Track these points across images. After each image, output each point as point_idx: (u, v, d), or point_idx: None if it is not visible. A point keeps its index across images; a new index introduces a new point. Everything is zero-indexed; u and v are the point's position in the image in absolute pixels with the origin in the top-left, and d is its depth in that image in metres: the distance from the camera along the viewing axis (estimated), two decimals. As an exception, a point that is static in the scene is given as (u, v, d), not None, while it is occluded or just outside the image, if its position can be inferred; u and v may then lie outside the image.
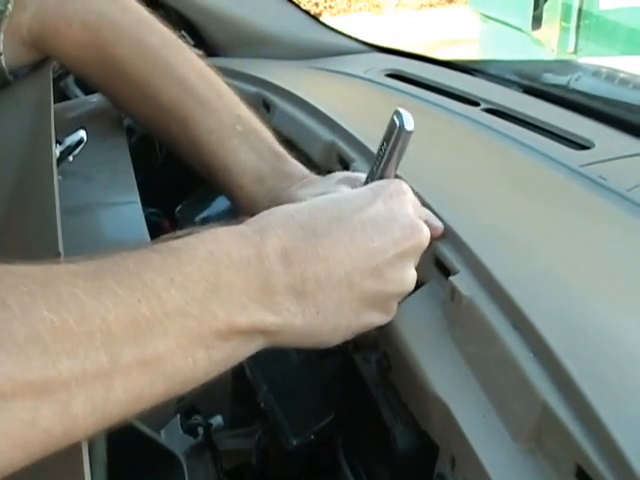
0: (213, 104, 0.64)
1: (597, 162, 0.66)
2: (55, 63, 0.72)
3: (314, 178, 0.61)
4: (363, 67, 0.98)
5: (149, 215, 0.88)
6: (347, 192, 0.47)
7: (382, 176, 0.49)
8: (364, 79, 0.95)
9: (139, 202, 0.64)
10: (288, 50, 1.05)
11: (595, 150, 0.70)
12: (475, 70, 0.97)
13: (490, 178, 0.65)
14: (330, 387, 0.63)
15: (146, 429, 0.52)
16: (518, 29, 3.28)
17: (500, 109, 0.81)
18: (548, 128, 0.75)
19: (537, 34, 3.22)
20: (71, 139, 0.63)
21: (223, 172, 0.63)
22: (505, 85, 0.91)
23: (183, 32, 0.96)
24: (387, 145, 0.48)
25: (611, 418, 0.37)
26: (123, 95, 0.68)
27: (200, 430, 0.66)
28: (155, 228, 0.76)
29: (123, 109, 0.73)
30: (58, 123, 0.57)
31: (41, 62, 0.69)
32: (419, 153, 0.69)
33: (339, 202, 0.45)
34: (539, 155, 0.68)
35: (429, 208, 0.55)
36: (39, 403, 0.30)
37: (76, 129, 0.64)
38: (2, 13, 0.62)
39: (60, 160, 0.62)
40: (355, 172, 0.61)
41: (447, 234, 0.53)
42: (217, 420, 0.69)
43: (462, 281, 0.49)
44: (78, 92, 1.06)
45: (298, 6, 1.09)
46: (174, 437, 0.65)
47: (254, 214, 0.46)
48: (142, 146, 0.95)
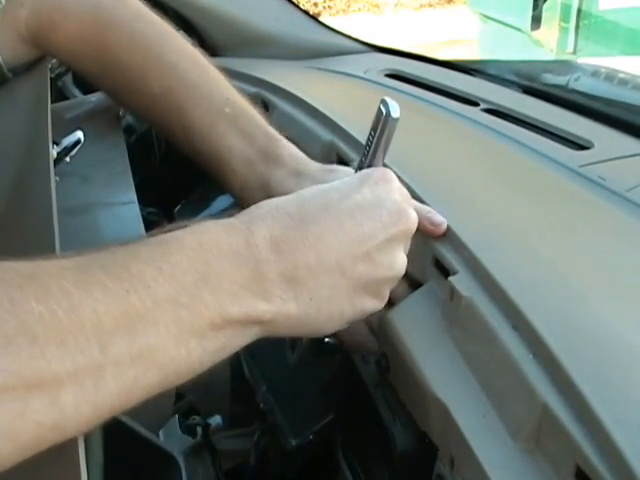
0: (204, 89, 0.64)
1: (596, 162, 0.66)
2: (54, 62, 0.71)
3: (306, 166, 0.60)
4: (362, 67, 0.98)
5: (148, 215, 0.88)
6: (334, 182, 0.48)
7: (370, 165, 0.49)
8: (363, 79, 0.95)
9: (136, 202, 0.64)
10: (287, 50, 1.05)
11: (594, 150, 0.70)
12: (474, 70, 0.97)
13: (489, 178, 0.65)
14: (329, 388, 0.63)
15: (143, 430, 0.52)
16: (517, 29, 3.28)
17: (499, 109, 0.81)
18: (547, 128, 0.75)
19: (536, 34, 3.22)
20: (68, 140, 0.63)
21: (214, 158, 0.63)
22: (504, 85, 0.91)
23: (182, 32, 0.96)
24: (374, 134, 0.48)
25: (611, 419, 0.37)
26: (119, 87, 0.68)
27: (199, 430, 0.66)
28: (154, 227, 0.76)
29: (120, 101, 0.73)
30: (56, 123, 0.57)
31: (38, 61, 0.69)
32: (418, 153, 0.69)
33: (326, 191, 0.46)
34: (538, 155, 0.68)
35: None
36: (28, 394, 0.30)
37: (73, 130, 0.64)
38: None
39: (57, 161, 0.62)
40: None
41: (446, 234, 0.53)
42: (216, 420, 0.69)
43: (461, 281, 0.49)
44: (76, 92, 1.06)
45: (297, 6, 1.09)
46: (172, 437, 0.65)
47: (248, 202, 0.46)
48: (141, 145, 0.95)
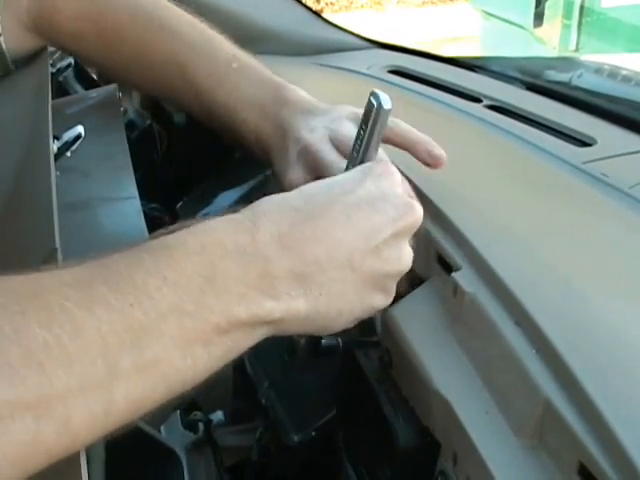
0: (207, 48, 0.64)
1: (599, 159, 0.66)
2: (56, 56, 0.71)
3: (319, 107, 0.59)
4: (365, 63, 0.98)
5: (150, 211, 0.88)
6: (337, 177, 0.47)
7: (363, 159, 0.48)
8: (366, 75, 0.94)
9: (137, 197, 0.63)
10: (290, 46, 1.05)
11: (597, 147, 0.69)
12: (477, 67, 0.97)
13: (492, 175, 0.65)
14: (331, 383, 0.63)
15: (145, 426, 0.52)
16: (520, 26, 3.27)
17: (502, 106, 0.81)
18: (550, 125, 0.75)
19: (539, 32, 3.21)
20: (69, 135, 0.63)
21: (225, 112, 0.62)
22: (507, 82, 0.91)
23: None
24: (366, 127, 0.48)
25: (614, 415, 0.37)
26: (122, 63, 0.67)
27: (200, 426, 0.66)
28: (156, 223, 0.76)
29: (124, 79, 0.72)
30: (57, 119, 0.57)
31: (38, 55, 0.68)
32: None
33: (330, 186, 0.45)
34: (541, 152, 0.68)
35: (432, 204, 0.55)
36: (39, 422, 0.30)
37: (74, 125, 0.64)
38: None
39: (58, 156, 0.62)
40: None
41: (449, 231, 0.53)
42: (217, 416, 0.69)
43: (464, 277, 0.49)
44: (78, 87, 1.06)
45: (300, 2, 1.09)
46: (174, 433, 0.65)
47: (264, 150, 0.46)
48: (143, 141, 0.95)
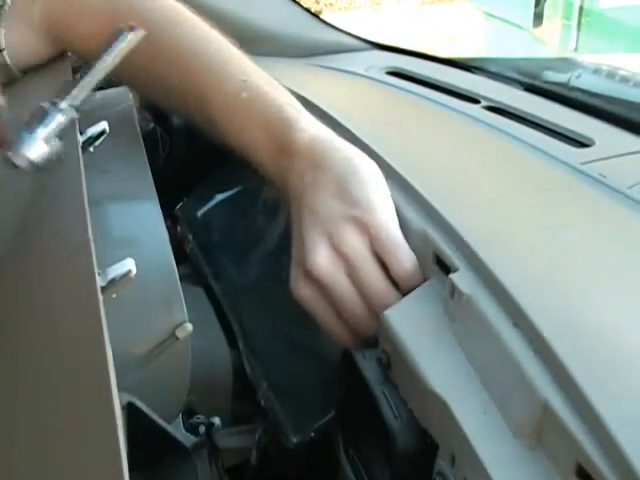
0: (219, 75, 0.62)
1: (597, 160, 0.66)
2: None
3: (325, 158, 0.55)
4: (364, 65, 0.98)
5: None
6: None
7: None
8: (365, 77, 0.95)
9: (156, 197, 0.63)
10: (288, 48, 1.05)
11: (595, 148, 0.70)
12: (475, 68, 0.97)
13: (490, 176, 0.65)
14: (330, 385, 0.63)
15: (161, 421, 0.53)
16: (519, 27, 3.28)
17: (500, 107, 0.81)
18: (548, 126, 0.75)
19: (538, 32, 3.22)
20: (93, 130, 0.62)
21: (239, 151, 0.61)
22: (505, 83, 0.91)
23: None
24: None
25: (612, 416, 0.37)
26: (143, 81, 0.67)
27: (202, 429, 0.66)
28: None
29: (144, 95, 0.72)
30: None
31: (59, 56, 0.68)
32: (419, 150, 0.69)
33: None
34: (539, 153, 0.68)
35: (429, 206, 0.55)
36: None
37: (97, 121, 0.63)
38: (1, 7, 0.62)
39: (82, 150, 0.61)
40: None
41: (447, 232, 0.53)
42: (217, 421, 0.69)
43: (462, 279, 0.49)
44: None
45: (299, 4, 1.09)
46: (177, 435, 0.65)
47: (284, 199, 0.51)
48: (145, 144, 0.95)
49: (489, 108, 0.81)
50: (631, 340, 0.42)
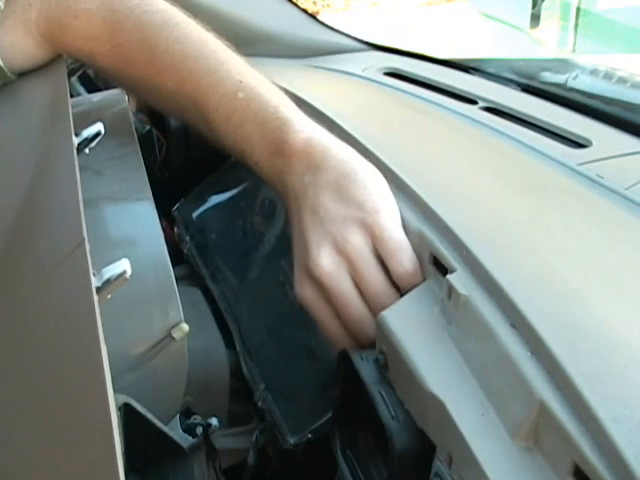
0: (215, 76, 0.62)
1: (595, 161, 0.66)
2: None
3: (322, 161, 0.56)
4: (361, 65, 0.98)
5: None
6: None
7: None
8: (362, 77, 0.95)
9: (151, 197, 0.63)
10: (286, 49, 1.05)
11: (593, 149, 0.70)
12: (473, 68, 0.97)
13: (487, 177, 0.65)
14: (327, 386, 0.63)
15: (158, 422, 0.52)
16: (516, 28, 3.28)
17: (498, 107, 0.81)
18: (546, 126, 0.75)
19: (535, 33, 3.22)
20: (89, 131, 0.62)
21: (235, 151, 0.62)
22: (503, 83, 0.91)
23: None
24: None
25: (609, 417, 0.37)
26: (138, 84, 0.67)
27: (199, 430, 0.66)
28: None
29: (141, 97, 0.72)
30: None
31: (55, 58, 0.68)
32: (416, 151, 0.69)
33: None
34: (537, 154, 0.68)
35: (426, 207, 0.55)
36: None
37: (92, 122, 0.63)
38: None
39: (77, 151, 0.61)
40: None
41: (444, 233, 0.53)
42: (214, 421, 0.68)
43: (459, 280, 0.49)
44: (81, 90, 1.06)
45: (296, 4, 1.09)
46: (174, 436, 0.65)
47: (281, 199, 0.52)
48: (141, 147, 0.94)
49: (486, 109, 0.81)
50: (628, 341, 0.42)
